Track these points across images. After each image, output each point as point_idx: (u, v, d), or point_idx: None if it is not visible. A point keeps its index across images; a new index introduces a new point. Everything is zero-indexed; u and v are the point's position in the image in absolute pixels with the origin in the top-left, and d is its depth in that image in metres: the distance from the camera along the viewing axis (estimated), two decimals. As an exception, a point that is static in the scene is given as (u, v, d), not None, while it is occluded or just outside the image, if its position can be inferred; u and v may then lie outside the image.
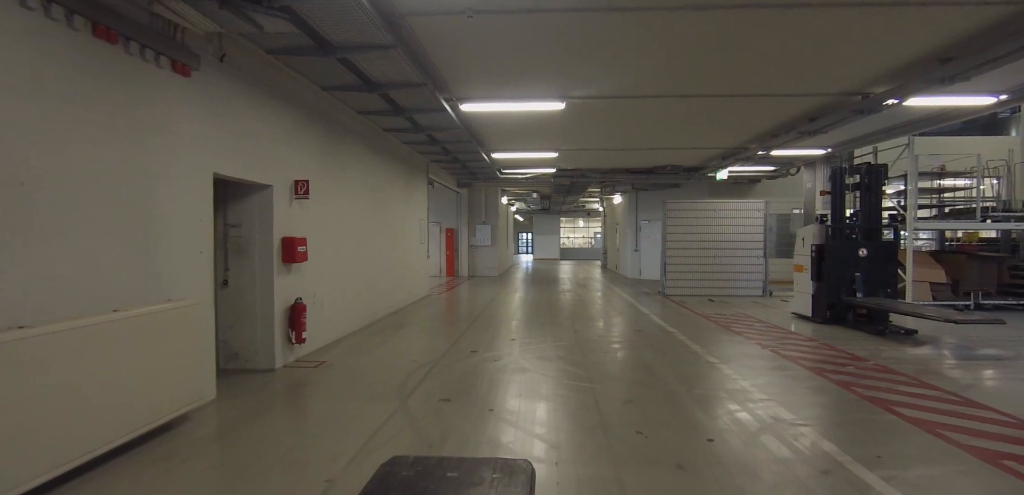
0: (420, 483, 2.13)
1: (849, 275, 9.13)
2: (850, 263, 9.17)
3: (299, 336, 6.53)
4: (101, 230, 3.84)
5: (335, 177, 7.88)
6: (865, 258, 9.14)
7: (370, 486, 2.13)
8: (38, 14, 3.36)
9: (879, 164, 9.80)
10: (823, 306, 9.39)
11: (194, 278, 4.83)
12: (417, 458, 2.34)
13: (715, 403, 5.05)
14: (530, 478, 2.18)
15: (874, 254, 9.17)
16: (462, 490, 2.09)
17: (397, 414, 4.73)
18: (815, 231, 9.78)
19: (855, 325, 8.97)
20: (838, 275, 9.20)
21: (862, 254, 9.16)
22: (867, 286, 9.07)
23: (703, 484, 3.40)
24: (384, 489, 2.10)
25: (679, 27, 5.19)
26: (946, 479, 3.47)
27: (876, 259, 9.15)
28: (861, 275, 9.09)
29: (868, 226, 9.48)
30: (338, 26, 4.77)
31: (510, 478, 2.16)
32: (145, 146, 4.26)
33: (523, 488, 2.09)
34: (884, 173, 9.79)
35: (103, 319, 3.65)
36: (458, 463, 2.31)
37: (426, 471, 2.22)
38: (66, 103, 3.57)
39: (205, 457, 3.89)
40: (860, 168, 9.75)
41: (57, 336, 3.27)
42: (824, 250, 9.51)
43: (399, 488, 2.10)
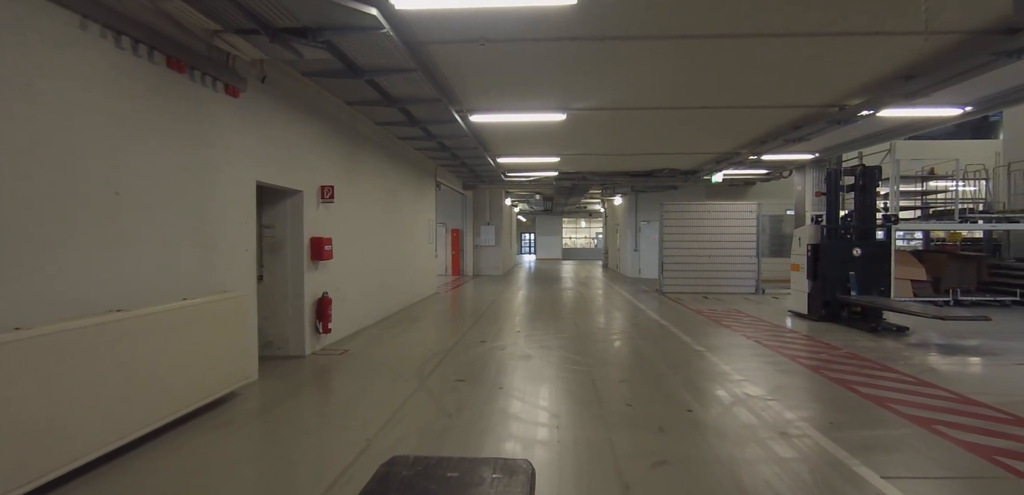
0: (420, 483, 2.12)
1: (843, 274, 9.45)
2: (844, 262, 9.47)
3: (326, 326, 7.23)
4: (173, 230, 4.55)
5: (355, 182, 8.58)
6: (859, 257, 9.43)
7: (370, 486, 2.12)
8: (127, 52, 4.06)
9: (873, 166, 10.10)
10: (818, 304, 9.74)
11: (241, 273, 5.54)
12: (417, 458, 2.34)
13: (697, 383, 5.73)
14: (530, 478, 2.19)
15: (868, 253, 9.47)
16: (462, 490, 2.08)
17: (418, 391, 5.42)
18: (811, 231, 10.04)
19: (849, 323, 9.25)
20: (832, 274, 9.52)
21: (856, 253, 9.45)
22: (861, 284, 9.36)
23: (679, 442, 4.09)
24: (384, 489, 2.09)
25: (668, 51, 5.88)
26: (883, 439, 4.14)
27: (869, 258, 9.45)
28: (855, 274, 9.39)
29: (862, 226, 9.79)
30: (368, 54, 5.48)
31: (510, 478, 2.16)
32: (204, 159, 4.96)
33: (523, 488, 2.09)
34: (878, 175, 10.10)
35: (178, 306, 4.35)
36: (458, 463, 2.30)
37: (426, 471, 2.22)
38: (146, 124, 4.27)
39: (262, 423, 4.59)
40: (854, 170, 10.05)
41: (145, 318, 3.97)
42: (819, 250, 9.82)
43: (399, 488, 2.09)
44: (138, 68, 4.17)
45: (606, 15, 4.85)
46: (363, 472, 3.52)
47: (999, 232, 13.43)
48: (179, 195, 4.62)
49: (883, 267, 9.51)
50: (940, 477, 3.48)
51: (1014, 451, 3.85)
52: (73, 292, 3.58)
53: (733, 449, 3.95)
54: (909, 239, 16.42)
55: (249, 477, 3.65)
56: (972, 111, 8.19)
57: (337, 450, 3.97)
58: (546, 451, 3.92)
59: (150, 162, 4.29)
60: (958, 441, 4.05)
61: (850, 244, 9.64)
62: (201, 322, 4.59)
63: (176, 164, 4.59)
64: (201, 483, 3.48)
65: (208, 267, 5.01)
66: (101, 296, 3.80)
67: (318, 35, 4.80)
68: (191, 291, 4.73)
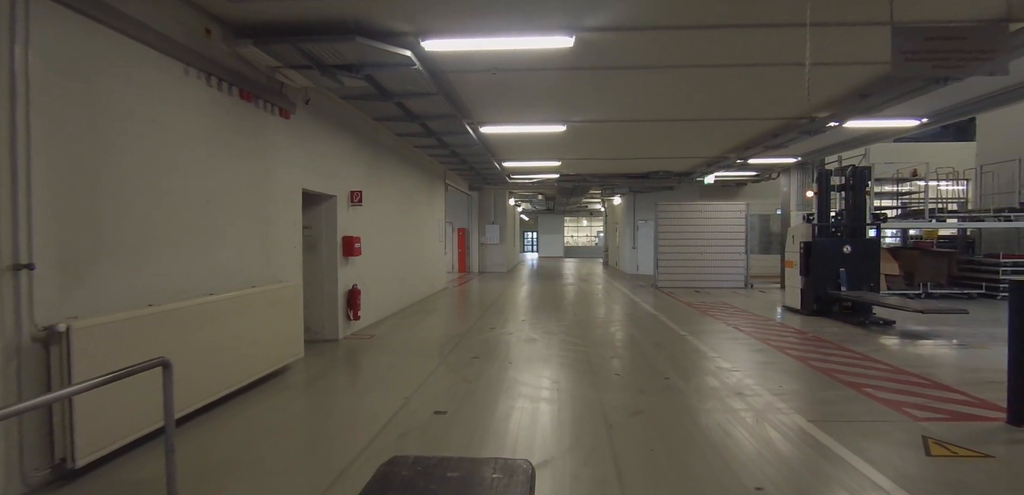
0: (420, 483, 2.12)
1: (834, 270, 9.86)
2: (834, 259, 9.88)
3: (355, 314, 8.26)
4: (244, 230, 5.57)
5: (378, 187, 9.61)
6: (849, 254, 9.82)
7: (370, 486, 2.13)
8: (215, 89, 5.08)
9: (863, 167, 10.42)
10: (810, 299, 10.12)
11: (291, 266, 6.57)
12: (417, 458, 2.35)
13: (677, 360, 6.74)
14: (530, 478, 2.19)
15: (857, 251, 9.84)
16: (462, 490, 2.09)
17: (441, 366, 6.44)
18: (804, 230, 10.44)
19: (840, 317, 9.62)
20: (823, 270, 9.92)
21: (846, 251, 9.85)
22: (850, 280, 9.71)
23: (655, 399, 5.10)
24: (384, 489, 2.10)
25: (655, 77, 6.88)
26: (819, 397, 5.13)
27: (859, 255, 9.82)
28: (845, 270, 9.77)
29: (854, 224, 10.20)
30: (399, 83, 6.51)
31: (510, 478, 2.17)
32: (264, 170, 5.99)
33: (523, 488, 2.09)
34: (868, 175, 10.40)
35: (250, 292, 5.38)
36: (458, 463, 2.31)
37: (426, 471, 2.22)
38: (224, 144, 5.29)
39: (317, 388, 5.62)
40: (845, 170, 10.47)
41: (229, 300, 5.00)
42: (811, 247, 10.15)
43: (399, 488, 2.09)
44: (220, 100, 5.20)
45: (599, 52, 5.86)
46: (405, 422, 4.55)
47: (973, 229, 14.41)
48: (247, 201, 5.65)
49: (872, 264, 9.89)
50: (851, 421, 4.47)
51: (918, 404, 4.86)
52: (181, 279, 4.61)
53: (697, 403, 4.96)
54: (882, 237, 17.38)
55: (321, 421, 4.67)
56: (928, 122, 9.17)
57: (382, 405, 4.99)
58: (548, 404, 4.93)
59: (227, 175, 5.32)
60: (877, 398, 5.05)
61: (841, 242, 10.06)
62: (266, 306, 5.62)
63: (245, 176, 5.62)
64: (289, 423, 4.51)
65: (267, 261, 6.04)
66: (198, 283, 4.83)
67: (360, 70, 5.82)
68: (256, 281, 5.75)
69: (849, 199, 10.43)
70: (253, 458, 3.85)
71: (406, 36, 5.29)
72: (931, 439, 4.03)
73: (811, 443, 4.01)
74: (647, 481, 3.43)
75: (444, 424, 4.47)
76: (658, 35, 5.45)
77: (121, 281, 3.99)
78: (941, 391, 5.28)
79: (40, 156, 3.37)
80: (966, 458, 3.71)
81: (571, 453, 3.87)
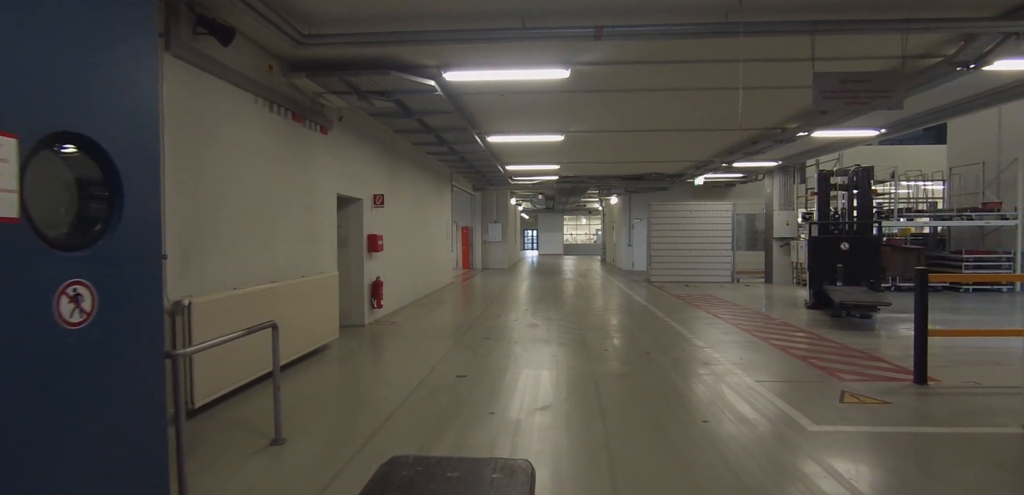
0: (420, 483, 2.12)
1: (831, 267, 10.18)
2: (832, 256, 10.18)
3: (379, 303, 9.39)
4: (295, 228, 6.69)
5: (395, 190, 10.73)
6: (846, 252, 10.07)
7: (370, 486, 2.12)
8: (275, 113, 6.20)
9: (867, 167, 10.71)
10: (811, 294, 10.52)
11: (330, 260, 7.69)
12: (417, 458, 2.35)
13: (660, 340, 7.86)
14: (530, 478, 2.20)
15: (857, 248, 10.06)
16: (462, 490, 2.09)
17: (457, 345, 7.56)
18: (807, 228, 10.86)
19: (837, 312, 9.62)
20: (821, 267, 10.30)
21: (844, 248, 10.13)
22: (847, 276, 9.99)
23: (636, 367, 6.22)
24: (384, 489, 2.09)
25: (641, 98, 7.99)
26: (767, 363, 6.25)
27: (858, 252, 10.05)
28: (842, 267, 10.07)
29: (857, 222, 10.46)
30: (421, 104, 7.64)
31: (510, 478, 2.17)
32: (308, 178, 7.10)
33: (523, 488, 2.09)
34: (871, 174, 10.59)
35: (301, 281, 6.50)
36: (458, 463, 2.31)
37: (426, 471, 2.22)
38: (280, 157, 6.41)
39: (356, 361, 6.74)
40: (847, 170, 10.92)
41: (287, 287, 6.12)
42: (811, 245, 10.54)
43: (399, 488, 2.09)
44: (278, 122, 6.32)
45: (591, 79, 6.98)
46: (434, 382, 5.68)
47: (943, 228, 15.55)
48: (296, 204, 6.77)
49: (873, 261, 10.07)
50: (791, 381, 5.59)
51: (849, 371, 5.97)
52: (253, 269, 5.73)
53: (670, 370, 6.09)
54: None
55: (366, 381, 5.79)
56: (886, 132, 10.28)
57: (414, 371, 6.11)
58: (549, 371, 6.06)
59: (282, 183, 6.44)
60: (818, 366, 6.17)
61: (838, 240, 10.34)
62: (313, 292, 6.74)
63: (294, 183, 6.74)
64: (341, 383, 5.63)
65: (311, 255, 7.16)
66: (263, 272, 5.95)
67: (391, 95, 6.95)
68: (302, 272, 6.88)
69: (851, 198, 10.81)
70: (321, 405, 4.98)
71: (430, 68, 6.39)
72: (847, 393, 5.15)
73: (754, 395, 5.13)
74: (622, 417, 4.55)
75: (466, 385, 5.59)
76: (639, 67, 6.56)
77: (215, 269, 5.11)
78: (873, 362, 6.41)
79: (168, 170, 4.50)
80: (868, 404, 4.84)
81: (566, 401, 5.00)
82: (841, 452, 3.81)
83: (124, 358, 2.56)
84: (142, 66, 2.68)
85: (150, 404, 2.72)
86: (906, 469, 3.55)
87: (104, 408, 2.48)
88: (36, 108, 2.12)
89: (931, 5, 4.77)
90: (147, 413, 2.70)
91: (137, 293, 2.62)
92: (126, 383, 2.58)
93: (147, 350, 2.69)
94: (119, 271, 2.51)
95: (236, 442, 4.06)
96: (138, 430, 2.66)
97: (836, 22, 4.85)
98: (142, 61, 2.68)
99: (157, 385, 2.75)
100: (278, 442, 3.99)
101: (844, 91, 4.96)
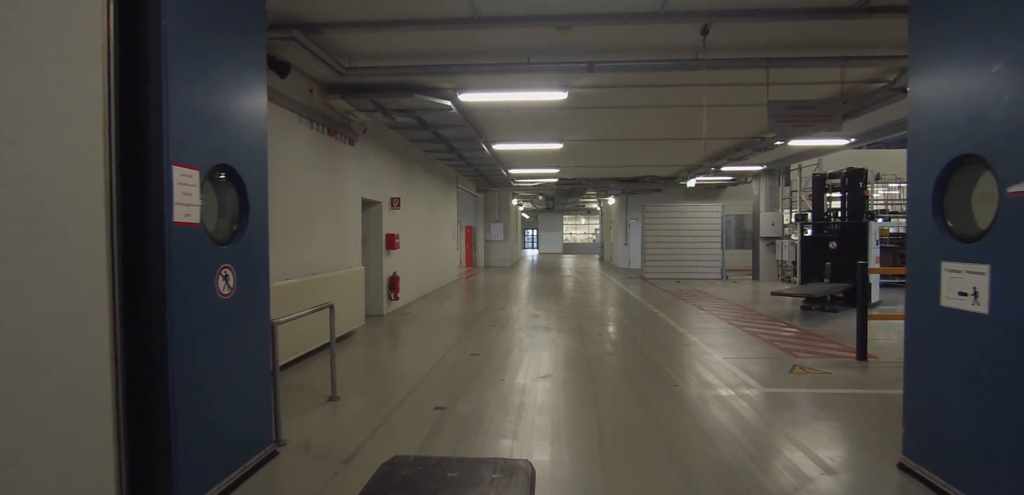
0: (420, 483, 2.14)
1: (821, 264, 10.90)
2: (822, 254, 10.90)
3: (396, 295, 10.42)
4: (328, 228, 7.72)
5: (409, 193, 11.76)
6: (835, 250, 10.71)
7: (370, 486, 2.14)
8: (314, 129, 7.23)
9: (859, 169, 11.21)
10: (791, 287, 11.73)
11: (355, 256, 8.72)
12: (417, 458, 2.36)
13: (647, 327, 8.89)
14: (530, 478, 2.21)
15: (847, 246, 10.53)
16: (462, 490, 2.10)
17: (468, 331, 8.59)
18: (799, 228, 11.72)
19: (830, 305, 10.30)
20: (811, 264, 11.04)
21: (832, 247, 10.75)
22: (835, 274, 10.60)
23: (623, 347, 7.25)
24: (384, 488, 2.12)
25: (631, 114, 9.02)
26: (734, 344, 7.27)
27: (849, 250, 10.54)
28: (830, 264, 10.72)
29: (850, 221, 11.03)
30: (437, 119, 8.66)
31: (510, 478, 2.18)
32: (339, 184, 8.13)
33: (523, 488, 2.11)
34: (864, 176, 11.10)
35: (334, 274, 7.53)
36: (458, 463, 2.32)
37: (426, 471, 2.24)
38: (317, 166, 7.43)
39: (381, 344, 7.77)
40: (839, 173, 11.43)
41: (325, 278, 7.15)
42: (803, 243, 11.27)
43: (399, 488, 2.11)
44: (316, 137, 7.35)
45: (585, 99, 8.00)
46: (451, 360, 6.71)
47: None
48: (329, 208, 7.80)
49: (863, 256, 10.21)
50: (754, 357, 6.61)
51: (805, 350, 7.00)
52: (297, 264, 6.76)
53: (652, 350, 7.12)
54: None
55: (395, 358, 6.82)
56: (856, 142, 11.31)
57: (433, 351, 7.14)
58: (549, 351, 7.10)
59: (319, 189, 7.47)
60: (778, 347, 7.21)
61: (826, 238, 11.04)
62: (344, 284, 7.77)
63: (328, 189, 7.77)
64: (374, 359, 6.66)
65: (341, 251, 8.19)
66: (305, 267, 6.98)
67: (412, 112, 7.99)
68: (335, 267, 7.91)
69: (845, 198, 11.37)
70: (361, 374, 6.02)
71: (447, 90, 7.42)
72: (797, 366, 6.19)
73: (720, 368, 6.16)
74: (608, 382, 5.58)
75: (479, 361, 6.62)
76: (626, 90, 7.58)
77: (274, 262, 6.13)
78: (829, 344, 7.44)
79: (239, 184, 5.51)
80: (812, 374, 5.87)
81: (563, 371, 6.03)
82: (777, 405, 4.85)
83: (251, 320, 3.63)
84: (258, 111, 3.75)
85: (263, 354, 3.80)
86: (814, 413, 4.59)
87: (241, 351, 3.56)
88: (208, 149, 3.18)
89: (864, 44, 5.79)
90: (261, 360, 3.78)
91: (256, 276, 3.69)
92: (252, 336, 3.67)
93: (262, 316, 3.76)
94: (247, 260, 3.58)
95: (301, 398, 5.09)
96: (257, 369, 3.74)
97: (786, 58, 5.88)
98: (258, 107, 3.75)
99: (266, 341, 3.82)
100: (334, 399, 5.02)
101: (793, 116, 5.99)
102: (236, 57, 3.40)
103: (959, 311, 3.01)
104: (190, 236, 2.93)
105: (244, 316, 3.49)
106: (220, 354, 3.22)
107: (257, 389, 3.64)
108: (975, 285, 2.90)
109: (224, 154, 3.28)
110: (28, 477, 2.16)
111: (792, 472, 3.53)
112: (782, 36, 5.50)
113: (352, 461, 3.72)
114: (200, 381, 3.03)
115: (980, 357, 2.88)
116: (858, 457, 3.77)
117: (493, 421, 4.48)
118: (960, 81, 3.01)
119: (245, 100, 3.52)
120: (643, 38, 5.55)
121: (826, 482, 3.39)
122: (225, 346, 3.27)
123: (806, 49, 5.85)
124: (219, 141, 3.23)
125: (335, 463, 3.68)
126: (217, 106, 3.20)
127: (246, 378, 3.50)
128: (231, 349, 3.34)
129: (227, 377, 3.29)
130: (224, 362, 3.26)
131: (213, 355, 3.15)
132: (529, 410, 4.75)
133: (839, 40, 5.62)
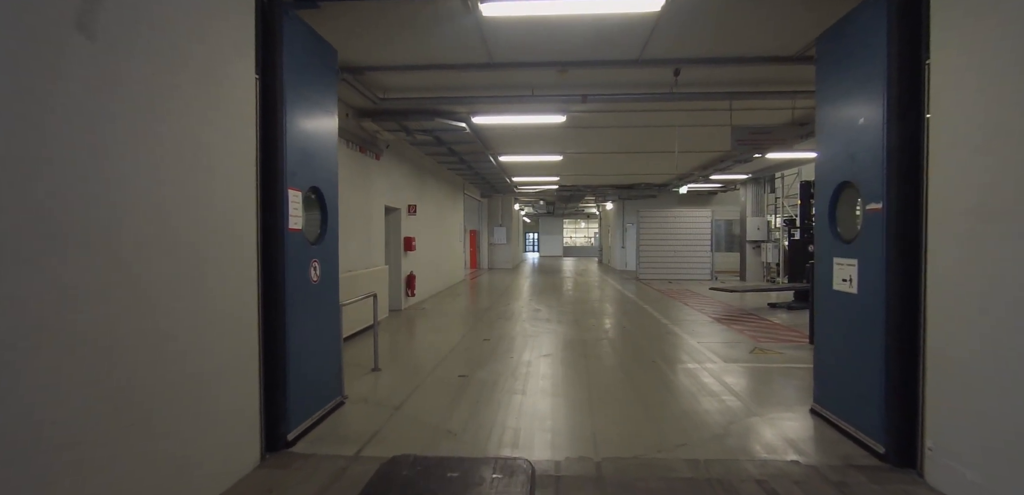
0: (420, 482, 2.16)
1: (804, 265, 11.24)
2: (806, 256, 10.98)
3: (412, 292, 11.64)
4: (359, 232, 8.94)
5: (423, 200, 12.99)
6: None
7: (371, 485, 2.18)
8: (348, 147, 8.46)
9: None
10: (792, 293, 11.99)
11: (379, 256, 9.95)
12: (418, 458, 2.39)
13: (637, 319, 10.10)
14: (530, 478, 2.23)
15: None
16: (462, 490, 2.13)
17: (478, 323, 9.80)
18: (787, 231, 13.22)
19: (774, 302, 11.69)
20: (797, 267, 11.98)
21: (810, 249, 11.85)
22: None
23: (614, 335, 8.46)
24: (385, 488, 2.14)
25: (623, 132, 10.25)
26: (711, 332, 8.46)
27: None
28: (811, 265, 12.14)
29: None
30: (452, 136, 9.89)
31: (510, 478, 2.19)
32: (367, 195, 9.36)
33: (523, 488, 2.13)
34: None
35: (364, 271, 8.75)
36: (458, 463, 2.33)
37: (427, 470, 2.26)
38: (350, 179, 8.65)
39: (404, 331, 8.98)
40: None
41: (358, 275, 8.37)
42: (791, 247, 12.71)
43: (400, 487, 2.14)
44: (351, 153, 8.58)
45: (581, 120, 9.22)
46: (465, 344, 7.92)
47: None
48: (360, 215, 9.03)
49: None
50: (724, 342, 7.81)
51: (768, 337, 8.20)
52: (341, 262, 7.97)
53: (640, 337, 8.33)
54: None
55: (417, 343, 8.02)
56: (826, 154, 12.51)
57: (450, 337, 8.35)
58: (549, 337, 8.31)
59: (352, 199, 8.70)
60: (746, 334, 8.41)
61: (809, 242, 11.19)
62: (371, 280, 8.99)
63: (359, 199, 9.00)
64: (400, 343, 7.86)
65: (369, 252, 9.41)
66: (342, 265, 8.19)
67: (431, 132, 9.21)
68: (364, 266, 9.13)
69: None
70: (393, 353, 7.23)
71: (463, 115, 8.64)
72: (757, 348, 7.40)
73: (694, 349, 7.37)
74: (599, 360, 6.78)
75: (490, 345, 7.83)
76: (616, 114, 8.81)
77: (318, 261, 7.35)
78: (791, 332, 8.64)
79: (296, 196, 6.74)
80: (768, 354, 7.07)
81: (562, 352, 7.24)
82: (732, 375, 6.05)
83: (328, 301, 4.86)
84: (332, 143, 4.98)
85: (336, 327, 5.02)
86: (760, 379, 5.79)
87: (322, 324, 4.79)
88: (305, 175, 4.41)
89: (809, 81, 6.99)
90: (334, 331, 5.01)
91: (331, 268, 4.93)
92: (328, 314, 4.90)
93: (334, 299, 5.00)
94: (326, 255, 4.82)
95: (349, 370, 6.30)
96: (331, 338, 4.96)
97: (746, 92, 7.10)
98: (332, 141, 4.99)
99: (338, 318, 5.04)
100: (376, 370, 6.24)
101: (753, 139, 7.21)
102: (320, 105, 4.63)
103: (843, 293, 4.23)
104: (297, 238, 4.15)
105: (324, 298, 4.71)
106: (311, 325, 4.44)
107: (331, 354, 4.85)
108: (850, 274, 4.12)
109: (313, 178, 4.51)
110: (223, 391, 3.37)
111: (728, 415, 4.74)
112: (742, 75, 6.72)
113: (402, 408, 4.94)
114: (302, 342, 4.25)
115: (851, 325, 4.09)
116: (784, 407, 4.98)
117: (506, 384, 5.69)
118: (842, 126, 4.24)
119: (325, 136, 4.75)
120: (627, 77, 6.78)
121: (753, 421, 4.60)
122: (314, 319, 4.49)
123: (763, 85, 7.08)
124: (311, 169, 4.46)
125: (389, 409, 4.90)
126: (309, 142, 4.43)
127: (326, 344, 4.72)
128: (317, 322, 4.56)
129: (315, 342, 4.51)
130: (313, 331, 4.48)
131: (308, 325, 4.37)
132: (534, 377, 5.97)
133: (789, 79, 6.84)
